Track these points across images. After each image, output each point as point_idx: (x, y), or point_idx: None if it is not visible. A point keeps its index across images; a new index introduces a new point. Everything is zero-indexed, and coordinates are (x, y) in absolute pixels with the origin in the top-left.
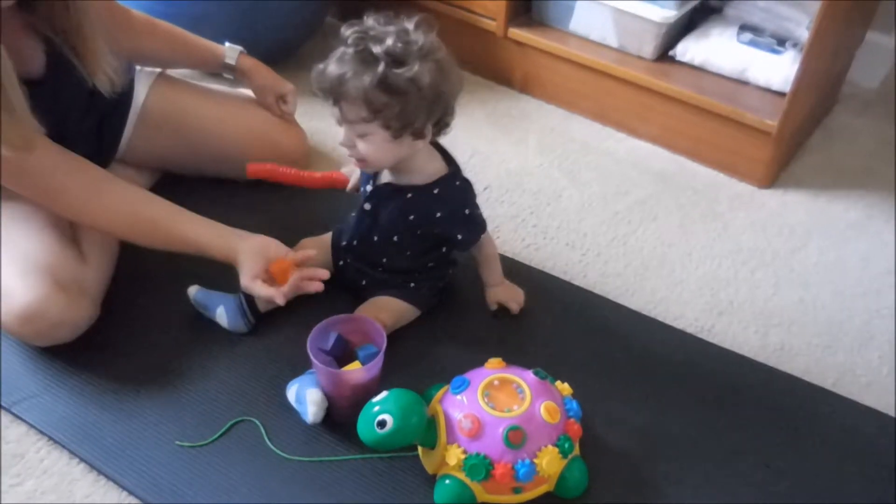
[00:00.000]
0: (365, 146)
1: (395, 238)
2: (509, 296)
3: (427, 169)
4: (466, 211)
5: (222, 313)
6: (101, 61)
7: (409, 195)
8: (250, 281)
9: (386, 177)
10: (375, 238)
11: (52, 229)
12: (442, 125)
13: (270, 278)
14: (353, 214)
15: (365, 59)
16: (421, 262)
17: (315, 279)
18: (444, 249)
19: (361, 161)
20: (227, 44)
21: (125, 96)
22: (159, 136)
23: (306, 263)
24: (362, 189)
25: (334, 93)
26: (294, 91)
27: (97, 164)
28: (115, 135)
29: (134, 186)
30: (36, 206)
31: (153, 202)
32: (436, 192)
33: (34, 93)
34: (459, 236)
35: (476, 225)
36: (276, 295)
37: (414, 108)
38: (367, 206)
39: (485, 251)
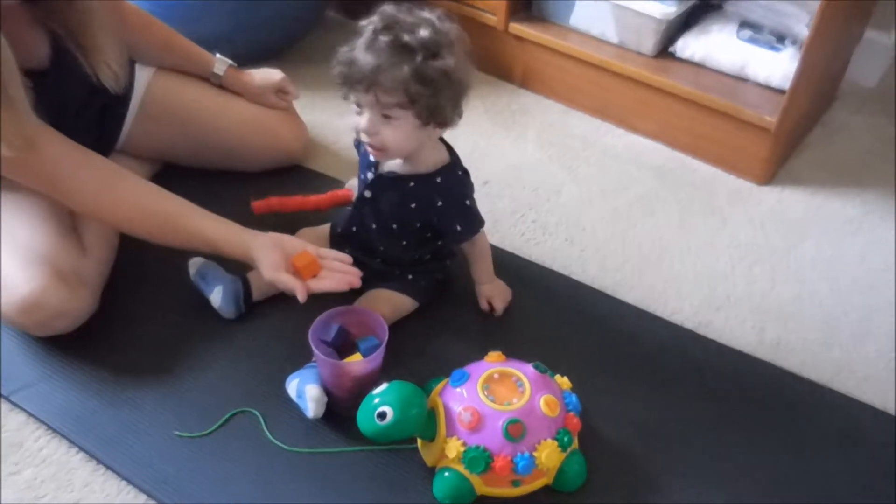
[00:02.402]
0: (392, 133)
1: (394, 226)
2: (497, 293)
3: (431, 158)
4: (467, 202)
5: (218, 293)
6: (107, 56)
7: (412, 184)
8: (274, 272)
9: (390, 165)
10: (374, 226)
11: (52, 220)
12: (460, 113)
13: (295, 274)
14: (352, 204)
15: (400, 48)
16: (418, 252)
17: (343, 272)
18: (440, 242)
19: (380, 150)
20: (217, 55)
21: (126, 88)
22: (159, 127)
23: (330, 255)
24: (361, 177)
25: (368, 81)
26: (286, 77)
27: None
28: (115, 126)
29: (145, 181)
30: (36, 196)
31: (166, 197)
32: (438, 180)
33: (38, 84)
34: (458, 227)
35: (475, 217)
36: (300, 289)
37: (445, 97)
38: (368, 194)
39: (478, 247)
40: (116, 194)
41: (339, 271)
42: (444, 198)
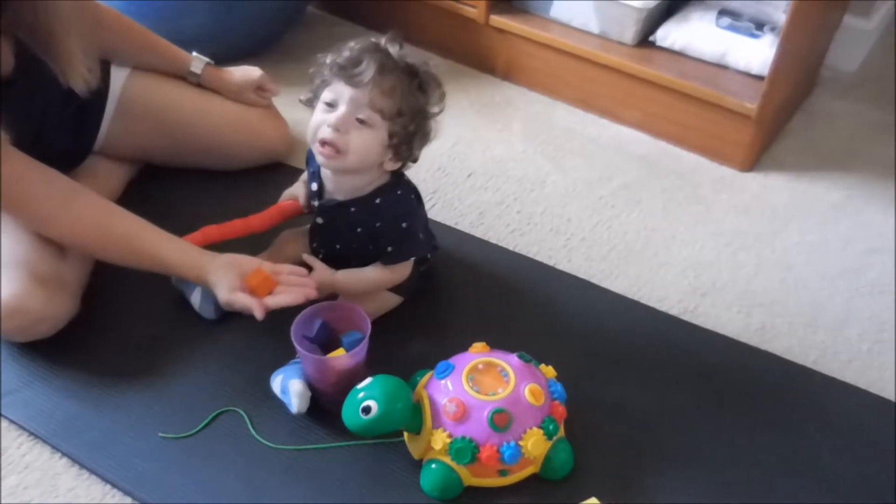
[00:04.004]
0: (359, 138)
1: (354, 246)
2: (330, 286)
3: (374, 183)
4: (403, 224)
5: (198, 294)
6: (74, 61)
7: (353, 209)
8: (228, 294)
9: (331, 192)
10: (338, 247)
11: None
12: (414, 158)
13: (251, 293)
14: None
15: (405, 66)
16: None
17: (300, 286)
18: (421, 236)
19: (336, 152)
20: (194, 53)
21: (102, 89)
22: (138, 127)
23: (285, 270)
24: (310, 189)
25: (369, 77)
26: (265, 74)
27: (75, 157)
28: (92, 128)
29: (105, 200)
30: None
31: (124, 217)
32: (377, 201)
33: (5, 93)
34: (389, 248)
35: (412, 243)
36: (257, 307)
37: (419, 131)
38: (320, 221)
39: (386, 272)
40: (74, 213)
41: (295, 284)
42: (382, 218)
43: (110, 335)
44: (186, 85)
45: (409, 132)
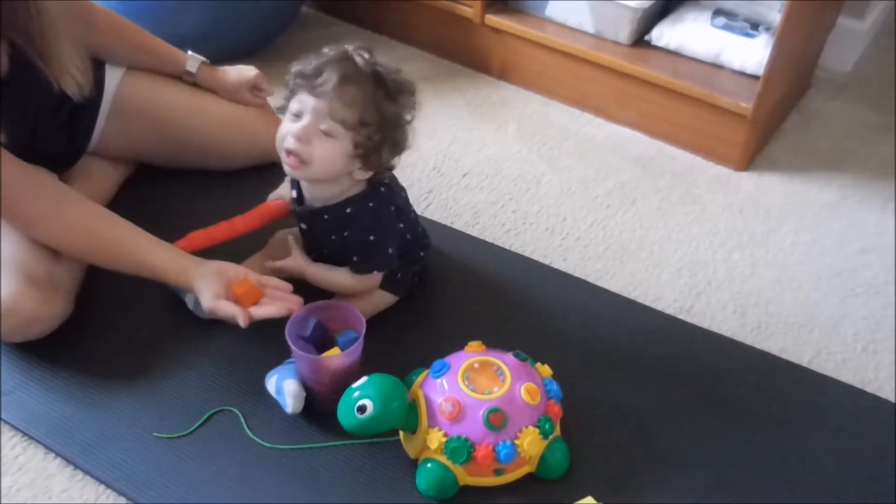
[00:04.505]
0: (322, 149)
1: (335, 251)
2: (299, 274)
3: (347, 192)
4: (371, 237)
5: (192, 295)
6: (66, 64)
7: (326, 216)
8: (212, 301)
9: (305, 191)
10: (325, 251)
11: None
12: (390, 167)
13: (236, 301)
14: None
15: (372, 73)
16: None
17: (285, 300)
18: (409, 236)
19: (302, 162)
20: (189, 52)
21: (97, 87)
22: (133, 127)
23: (271, 283)
24: (291, 195)
25: (330, 87)
26: (261, 74)
27: (69, 158)
28: (87, 128)
29: (95, 205)
30: None
31: (114, 222)
32: (348, 211)
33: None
34: (355, 258)
35: (378, 257)
36: (241, 316)
37: (387, 141)
38: (304, 226)
39: (355, 281)
40: (63, 218)
41: (280, 299)
42: (351, 228)
43: (105, 336)
44: (181, 85)
45: (375, 142)
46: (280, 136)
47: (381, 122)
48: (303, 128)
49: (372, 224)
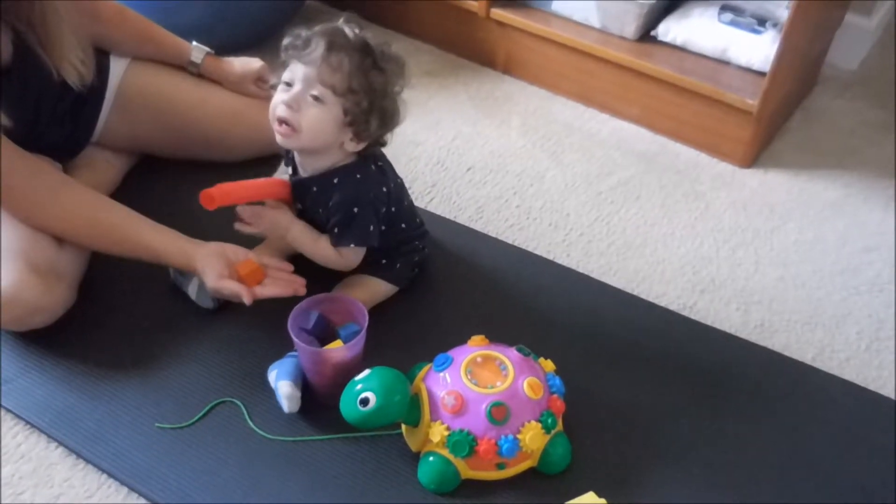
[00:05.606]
0: (312, 116)
1: (326, 227)
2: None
3: (335, 162)
4: (355, 209)
5: (195, 285)
6: (68, 53)
7: (315, 188)
8: (216, 281)
9: (300, 166)
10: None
11: None
12: (382, 142)
13: (239, 280)
14: None
15: (361, 43)
16: (384, 242)
17: (289, 280)
18: (403, 225)
19: (292, 130)
20: (194, 43)
21: (100, 78)
22: (136, 118)
23: (273, 264)
24: (288, 172)
25: (318, 53)
26: (265, 65)
27: (73, 147)
28: (90, 118)
29: (93, 191)
30: None
31: (112, 207)
32: (335, 181)
33: (2, 82)
34: (336, 229)
35: (358, 230)
36: (245, 293)
37: (376, 110)
38: (299, 206)
39: (337, 255)
40: (63, 204)
41: (282, 279)
42: (336, 198)
43: (107, 326)
44: (186, 76)
45: (364, 109)
46: (272, 105)
47: (368, 89)
48: (293, 95)
49: (356, 195)
